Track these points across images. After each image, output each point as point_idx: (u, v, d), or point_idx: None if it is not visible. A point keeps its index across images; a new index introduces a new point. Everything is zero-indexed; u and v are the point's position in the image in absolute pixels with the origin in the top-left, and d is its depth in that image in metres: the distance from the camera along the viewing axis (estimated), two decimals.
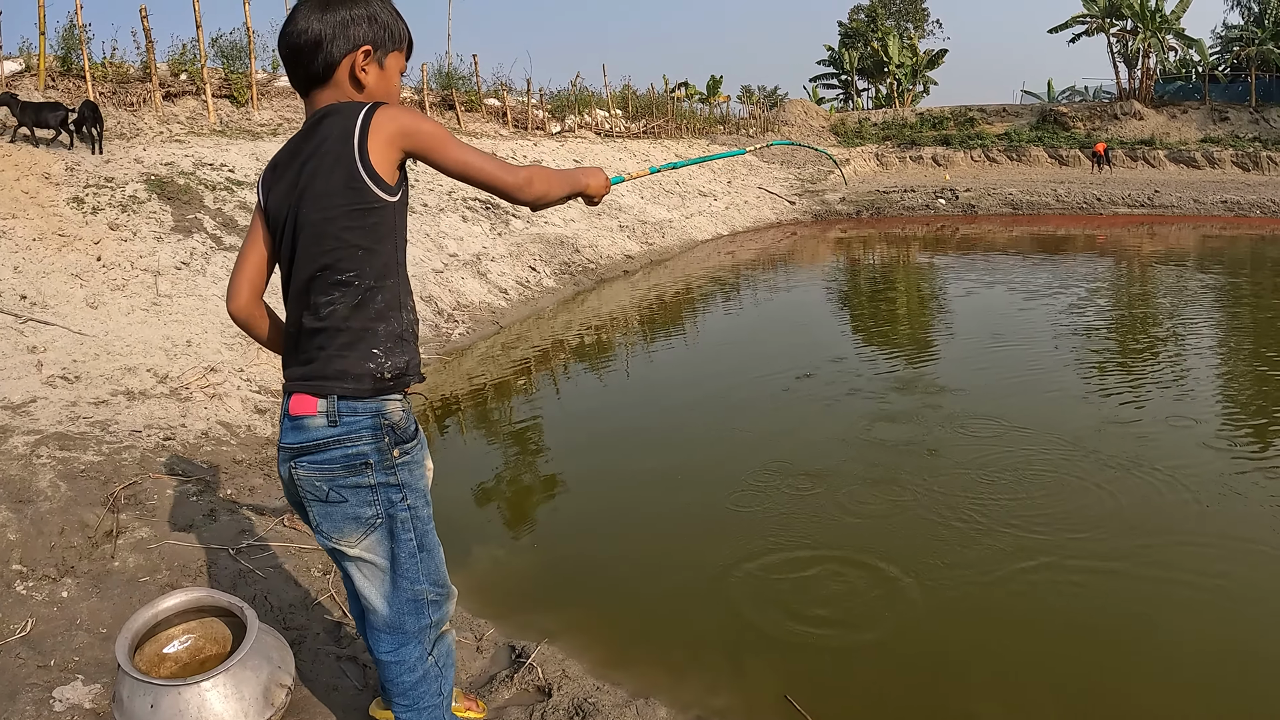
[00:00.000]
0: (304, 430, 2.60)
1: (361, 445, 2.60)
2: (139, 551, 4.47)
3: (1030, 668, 4.21)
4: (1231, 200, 31.55)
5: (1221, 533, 5.44)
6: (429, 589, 2.81)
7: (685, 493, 6.37)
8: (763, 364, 10.09)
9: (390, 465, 2.65)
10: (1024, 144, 45.79)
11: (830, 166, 40.97)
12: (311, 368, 2.59)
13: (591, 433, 7.90)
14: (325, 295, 2.54)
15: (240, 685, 3.02)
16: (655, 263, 19.43)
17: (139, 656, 3.17)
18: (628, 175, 3.48)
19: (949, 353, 10.60)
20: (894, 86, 61.11)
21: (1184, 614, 4.61)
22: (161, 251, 10.10)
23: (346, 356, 2.56)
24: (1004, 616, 4.67)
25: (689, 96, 50.27)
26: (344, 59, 2.62)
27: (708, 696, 3.93)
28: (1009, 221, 29.36)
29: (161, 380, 7.23)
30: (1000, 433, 7.28)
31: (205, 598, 3.32)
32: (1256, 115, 44.98)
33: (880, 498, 6.15)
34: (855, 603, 4.81)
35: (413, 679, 2.87)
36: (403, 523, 2.70)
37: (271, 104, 19.05)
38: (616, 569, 5.28)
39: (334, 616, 4.07)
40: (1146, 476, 6.32)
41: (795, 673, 4.17)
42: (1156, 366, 9.72)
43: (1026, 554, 5.20)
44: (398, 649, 2.83)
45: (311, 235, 2.53)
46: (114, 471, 5.35)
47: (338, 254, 2.52)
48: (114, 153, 12.65)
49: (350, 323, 2.55)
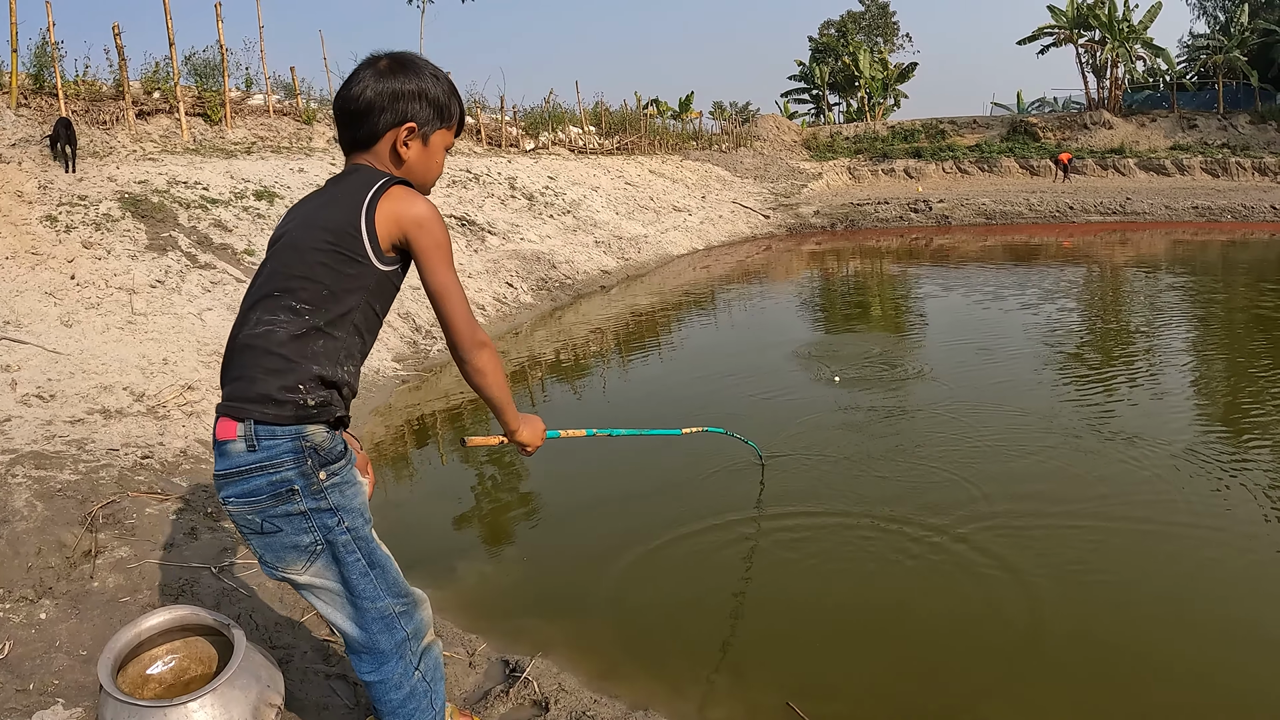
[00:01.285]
0: (227, 456, 2.51)
1: (284, 471, 2.50)
2: (119, 571, 4.37)
3: (1041, 672, 4.19)
4: (1203, 206, 31.86)
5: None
6: (392, 602, 2.73)
7: (671, 505, 6.28)
8: (743, 373, 10.04)
9: (318, 489, 2.55)
10: (995, 155, 46.08)
11: (804, 181, 41.13)
12: (235, 387, 2.52)
13: (571, 447, 7.80)
14: (270, 314, 2.50)
15: (229, 706, 2.91)
16: (632, 278, 19.37)
17: (121, 678, 3.07)
18: (563, 433, 3.65)
19: (937, 354, 10.56)
20: (865, 100, 61.35)
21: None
22: (136, 269, 9.99)
23: (269, 381, 2.47)
24: (1016, 619, 4.64)
25: (661, 113, 50.30)
26: (388, 132, 2.65)
27: (708, 707, 3.89)
28: (983, 231, 29.51)
29: (138, 399, 7.12)
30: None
31: (190, 615, 3.22)
32: (1225, 122, 45.48)
33: (879, 505, 6.11)
34: (853, 608, 4.81)
35: (400, 696, 2.80)
36: (344, 546, 2.61)
37: (245, 122, 18.95)
38: (607, 582, 5.19)
39: (320, 635, 3.98)
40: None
41: (795, 679, 4.13)
42: (1138, 362, 9.76)
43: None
44: (379, 667, 2.76)
45: (290, 254, 2.54)
46: (91, 490, 5.25)
47: (302, 282, 2.50)
48: (87, 171, 12.54)
49: (284, 349, 2.48)
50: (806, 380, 9.76)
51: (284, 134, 19.51)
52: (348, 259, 2.50)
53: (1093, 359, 10.47)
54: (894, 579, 5.05)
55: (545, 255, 17.82)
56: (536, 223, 20.27)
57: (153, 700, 2.90)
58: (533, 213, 20.96)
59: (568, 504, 6.46)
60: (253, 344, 2.49)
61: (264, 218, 13.49)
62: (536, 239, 18.89)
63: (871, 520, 5.82)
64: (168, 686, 3.22)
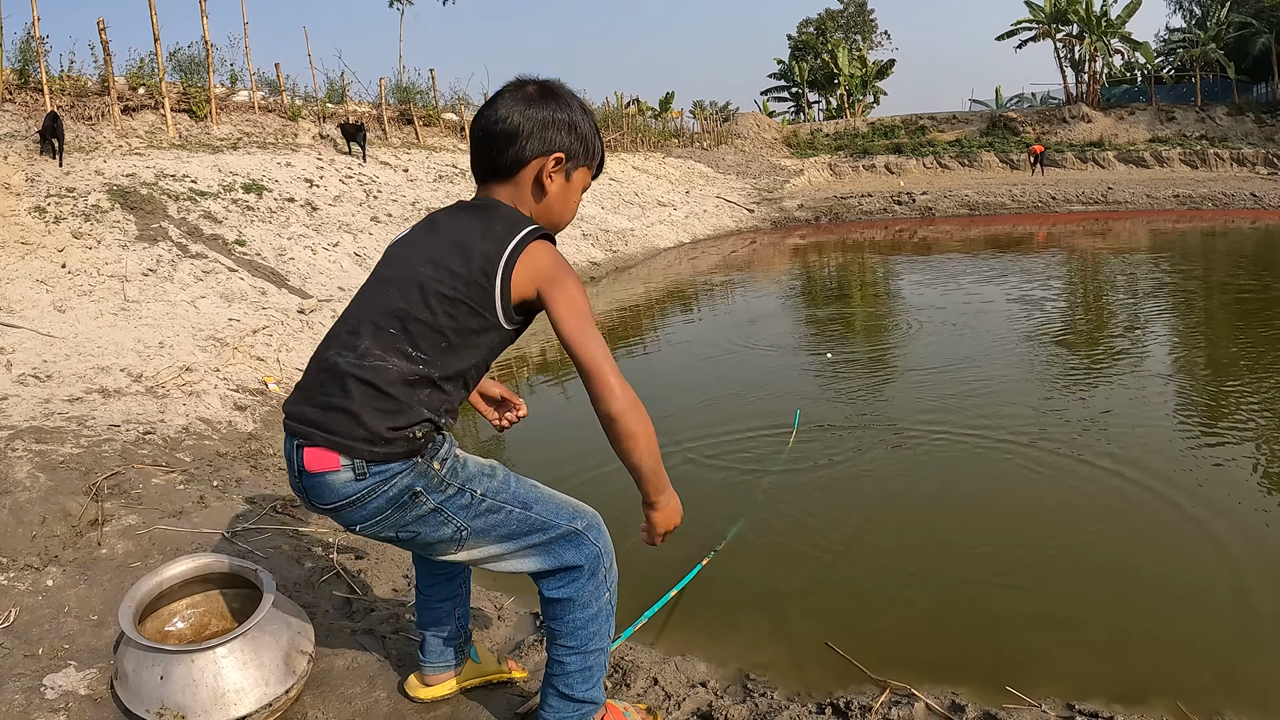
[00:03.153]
0: (329, 488, 2.34)
1: (402, 480, 2.35)
2: (127, 538, 4.26)
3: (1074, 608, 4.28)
4: (1183, 195, 32.18)
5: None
6: (569, 523, 2.55)
7: (694, 463, 6.32)
8: (740, 358, 10.06)
9: (440, 481, 2.40)
10: (975, 150, 46.32)
11: (785, 177, 41.17)
12: (332, 418, 2.32)
13: (568, 417, 7.74)
14: (383, 349, 2.33)
15: (259, 651, 2.79)
16: (620, 269, 19.40)
17: (140, 632, 2.97)
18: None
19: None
20: (845, 97, 61.48)
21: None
22: (128, 258, 9.90)
23: (379, 420, 2.30)
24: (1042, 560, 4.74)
25: (642, 112, 50.27)
26: (534, 160, 2.49)
27: (748, 652, 3.86)
28: (966, 223, 29.63)
29: (136, 379, 7.02)
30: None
31: (214, 563, 3.10)
32: (1202, 114, 45.76)
33: (895, 458, 6.32)
34: (882, 550, 4.90)
35: (585, 615, 2.59)
36: (490, 510, 2.46)
37: (230, 118, 18.84)
38: (632, 540, 5.14)
39: (343, 593, 3.89)
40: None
41: (833, 622, 4.16)
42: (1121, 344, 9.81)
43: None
44: (569, 584, 2.56)
45: (413, 290, 2.36)
46: (94, 463, 5.14)
47: (423, 328, 2.34)
48: (74, 165, 12.45)
49: (395, 389, 2.31)
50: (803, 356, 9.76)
51: (269, 130, 19.40)
52: (475, 312, 2.35)
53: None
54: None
55: None
56: None
57: (178, 645, 2.80)
58: None
59: (576, 450, 6.48)
60: (360, 375, 2.30)
61: (253, 210, 13.42)
62: None
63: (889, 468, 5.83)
64: (188, 644, 3.11)
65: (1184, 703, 3.38)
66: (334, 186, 16.51)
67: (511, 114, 2.46)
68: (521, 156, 2.47)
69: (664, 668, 3.51)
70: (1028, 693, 3.42)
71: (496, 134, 2.47)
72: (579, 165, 2.57)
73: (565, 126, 2.50)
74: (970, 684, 3.54)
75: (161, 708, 2.68)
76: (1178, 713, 3.34)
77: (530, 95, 2.49)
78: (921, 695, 3.38)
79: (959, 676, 3.61)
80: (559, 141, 2.49)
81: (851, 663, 3.71)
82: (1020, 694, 3.41)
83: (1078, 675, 3.68)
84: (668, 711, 3.22)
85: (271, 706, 2.80)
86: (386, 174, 19.03)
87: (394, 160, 20.61)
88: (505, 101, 2.48)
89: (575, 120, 2.52)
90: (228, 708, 2.70)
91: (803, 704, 3.34)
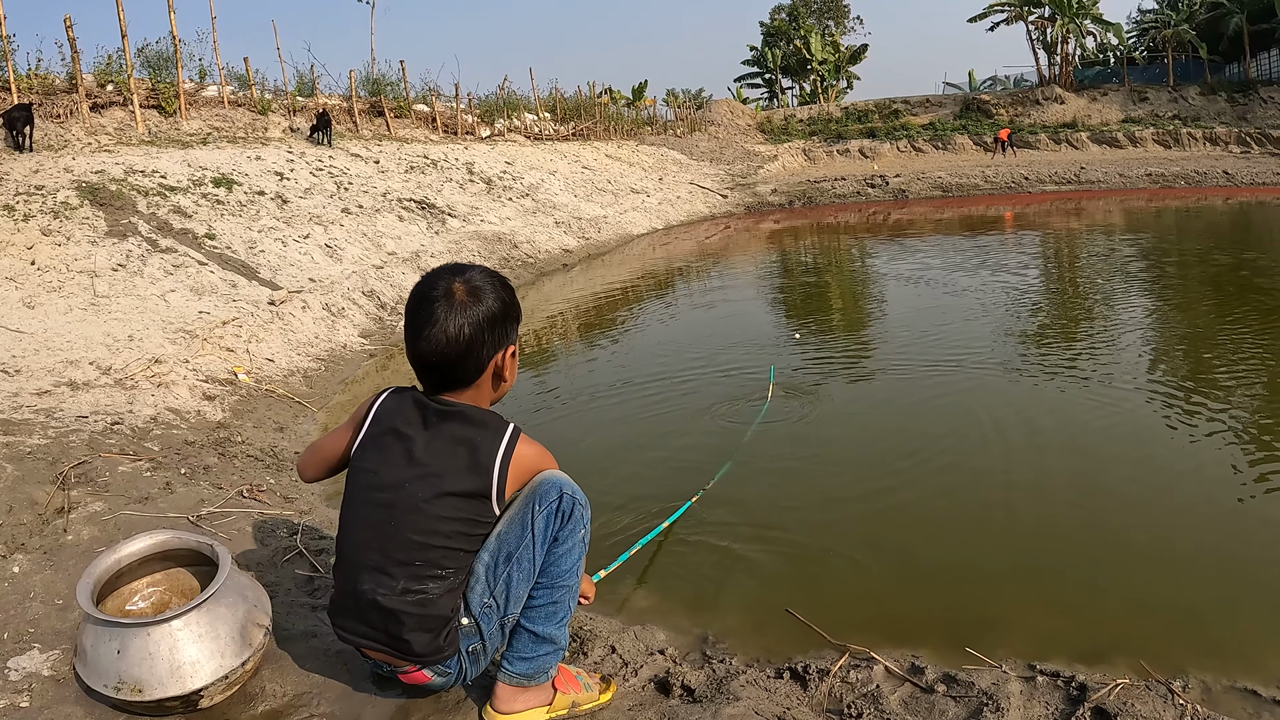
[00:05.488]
0: (427, 687, 2.82)
1: (464, 648, 2.73)
2: (94, 524, 4.32)
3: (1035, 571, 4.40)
4: (1156, 173, 32.38)
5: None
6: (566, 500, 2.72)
7: (651, 439, 6.42)
8: (710, 343, 10.10)
9: (472, 627, 2.73)
10: (949, 133, 46.41)
11: (759, 163, 41.21)
12: (399, 645, 2.63)
13: (545, 396, 7.84)
14: (417, 584, 2.57)
15: (215, 623, 2.83)
16: (593, 256, 19.43)
17: (100, 611, 3.03)
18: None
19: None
20: (818, 83, 61.49)
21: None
22: (97, 254, 9.91)
23: (434, 639, 2.63)
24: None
25: (615, 101, 50.20)
26: (491, 362, 2.62)
27: (709, 619, 3.95)
28: (940, 204, 29.73)
29: (105, 372, 7.05)
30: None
31: (172, 540, 3.14)
32: (1175, 95, 45.91)
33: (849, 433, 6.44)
34: (835, 514, 5.03)
35: (559, 552, 2.72)
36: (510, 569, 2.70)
37: (200, 113, 18.80)
38: (626, 476, 5.29)
39: (304, 572, 3.96)
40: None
41: (795, 588, 4.25)
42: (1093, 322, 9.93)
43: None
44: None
45: (421, 521, 2.57)
46: (62, 452, 5.19)
47: (444, 553, 2.58)
48: (43, 163, 12.42)
49: (439, 609, 2.61)
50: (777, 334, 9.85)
51: (239, 124, 19.36)
52: (479, 522, 2.60)
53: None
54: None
55: (506, 236, 17.81)
56: (496, 205, 20.24)
57: (134, 619, 2.86)
58: (492, 196, 20.91)
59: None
60: (407, 610, 2.58)
61: (223, 204, 13.40)
62: (497, 220, 18.87)
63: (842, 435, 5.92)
64: None
65: (1147, 660, 3.42)
66: (304, 179, 16.50)
67: (461, 328, 2.52)
68: (481, 364, 2.60)
69: (623, 636, 3.55)
70: (990, 653, 3.48)
71: (453, 354, 2.55)
72: (517, 335, 2.72)
73: (503, 315, 2.61)
74: (932, 646, 3.60)
75: (119, 682, 2.72)
76: (1140, 670, 3.36)
77: (464, 301, 2.54)
78: (881, 658, 3.43)
79: (921, 638, 3.68)
80: (509, 334, 2.64)
81: (812, 628, 3.77)
82: (981, 655, 3.47)
83: (1041, 633, 3.75)
84: (624, 679, 3.26)
85: (228, 679, 2.84)
86: (358, 165, 19.01)
87: (364, 152, 20.58)
88: (445, 315, 2.52)
89: (507, 302, 2.64)
90: (184, 680, 2.74)
91: (761, 669, 3.39)
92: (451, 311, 2.51)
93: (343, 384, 8.63)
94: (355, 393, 8.43)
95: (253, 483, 5.09)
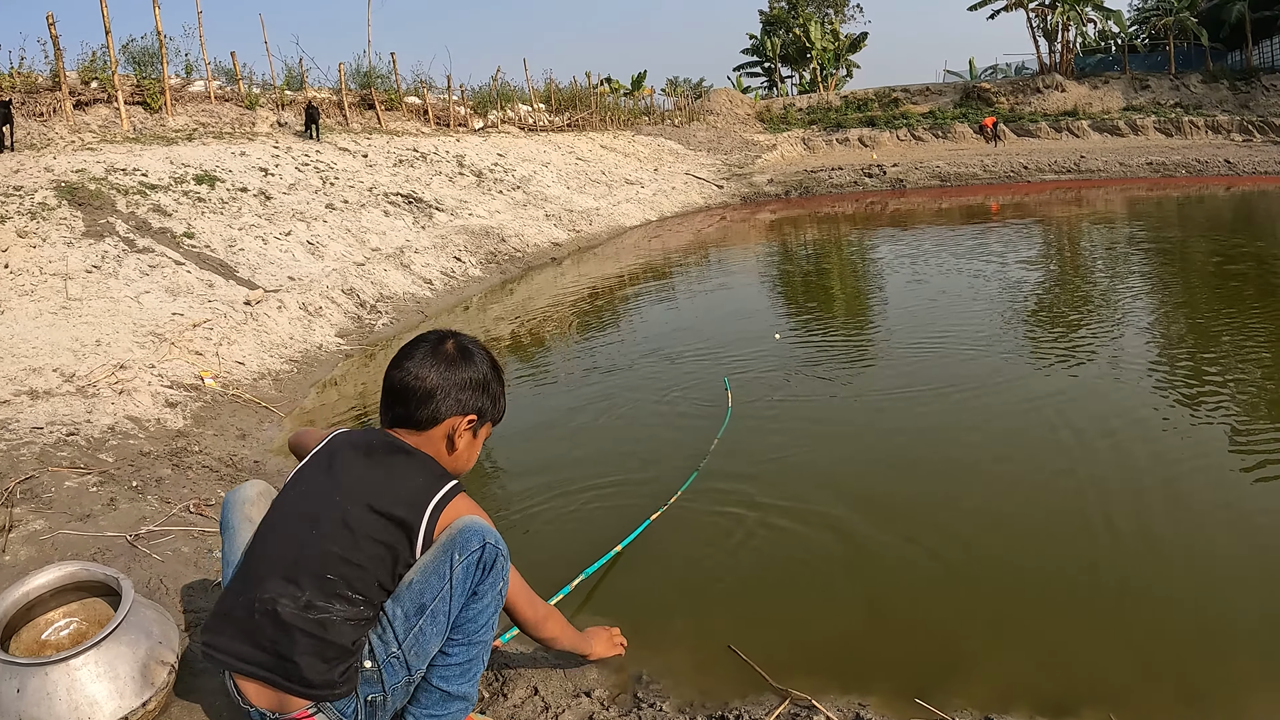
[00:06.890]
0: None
1: (362, 695, 2.57)
2: (31, 544, 4.28)
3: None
4: (1156, 162, 32.30)
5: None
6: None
7: (603, 461, 6.30)
8: (703, 340, 10.05)
9: (377, 670, 2.59)
10: (949, 121, 46.26)
11: (757, 152, 41.13)
12: (288, 668, 2.46)
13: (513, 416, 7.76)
14: (324, 600, 2.46)
15: (115, 662, 2.78)
16: (584, 249, 19.35)
17: (15, 643, 2.95)
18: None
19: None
20: (817, 72, 61.34)
21: None
22: (72, 256, 9.87)
23: (330, 670, 2.47)
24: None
25: (614, 91, 50.11)
26: (447, 420, 2.67)
27: (647, 655, 3.67)
28: (938, 194, 29.66)
29: (68, 379, 7.02)
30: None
31: (79, 572, 3.09)
32: (1177, 82, 45.80)
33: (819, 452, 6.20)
34: (785, 550, 4.77)
35: (478, 607, 2.62)
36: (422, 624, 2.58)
37: (186, 109, 18.76)
38: (526, 541, 5.12)
39: None
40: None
41: (743, 621, 4.05)
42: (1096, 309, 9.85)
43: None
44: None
45: (344, 535, 2.51)
46: (10, 467, 5.15)
47: (358, 571, 2.49)
48: (24, 163, 12.39)
49: (341, 638, 2.47)
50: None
51: (226, 119, 19.32)
52: (399, 559, 2.53)
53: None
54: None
55: (494, 229, 17.73)
56: (485, 198, 20.18)
57: (30, 658, 2.81)
58: (481, 189, 20.86)
59: (495, 468, 6.40)
60: (305, 629, 2.44)
61: (204, 201, 13.36)
62: (485, 214, 18.80)
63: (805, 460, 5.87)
64: (45, 656, 3.09)
65: (1118, 713, 3.25)
66: (289, 174, 16.44)
67: (430, 374, 2.63)
68: (437, 416, 2.65)
69: (549, 675, 3.40)
70: (945, 703, 3.29)
71: (413, 390, 2.64)
72: (485, 421, 2.77)
73: (479, 388, 2.70)
74: (881, 693, 3.41)
75: None
76: None
77: (449, 355, 2.67)
78: (823, 708, 3.23)
79: (870, 683, 3.49)
80: (472, 403, 2.69)
81: (754, 669, 3.56)
82: (931, 708, 3.27)
83: (1002, 682, 3.52)
84: None
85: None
86: (345, 160, 18.95)
87: (353, 146, 20.53)
88: (424, 359, 2.65)
89: (488, 380, 2.73)
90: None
91: (691, 716, 3.25)
92: (434, 357, 2.66)
93: (314, 386, 8.55)
94: (327, 397, 8.36)
95: (201, 497, 5.05)
